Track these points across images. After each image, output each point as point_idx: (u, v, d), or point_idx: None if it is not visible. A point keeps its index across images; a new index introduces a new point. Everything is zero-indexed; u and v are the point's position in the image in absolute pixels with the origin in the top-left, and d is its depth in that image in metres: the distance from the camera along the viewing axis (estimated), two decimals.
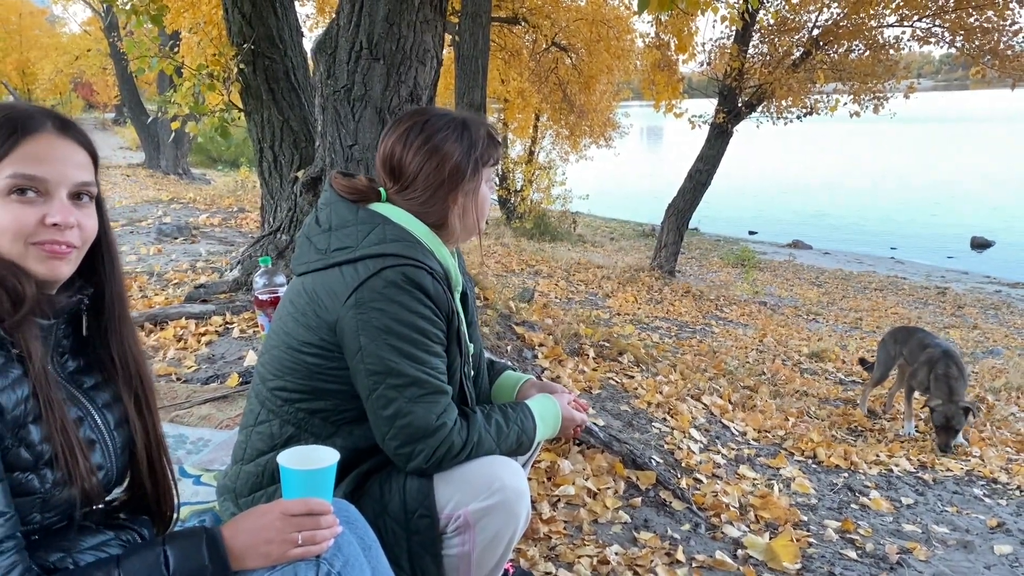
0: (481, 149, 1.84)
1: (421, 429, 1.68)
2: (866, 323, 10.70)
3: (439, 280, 1.72)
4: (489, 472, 1.75)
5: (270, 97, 4.85)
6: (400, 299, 1.66)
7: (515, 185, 19.06)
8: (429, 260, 1.73)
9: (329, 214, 1.81)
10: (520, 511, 1.76)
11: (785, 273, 15.44)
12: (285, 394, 1.77)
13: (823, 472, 4.10)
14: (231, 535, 1.27)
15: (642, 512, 3.14)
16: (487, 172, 1.87)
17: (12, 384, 1.18)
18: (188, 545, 1.23)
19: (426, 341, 1.69)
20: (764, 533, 3.16)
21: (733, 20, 6.80)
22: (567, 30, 15.61)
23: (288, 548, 1.28)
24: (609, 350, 5.13)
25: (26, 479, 1.19)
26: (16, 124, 1.22)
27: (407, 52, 3.93)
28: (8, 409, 1.16)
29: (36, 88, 35.80)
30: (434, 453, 1.70)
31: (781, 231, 21.10)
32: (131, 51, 4.93)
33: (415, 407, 1.68)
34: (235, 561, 1.26)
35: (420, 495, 1.74)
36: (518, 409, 1.88)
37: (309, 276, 1.78)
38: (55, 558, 1.23)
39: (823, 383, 6.47)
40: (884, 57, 11.10)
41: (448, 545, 1.76)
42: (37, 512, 1.21)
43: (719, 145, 11.94)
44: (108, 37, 21.56)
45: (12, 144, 1.21)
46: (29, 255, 1.22)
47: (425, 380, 1.68)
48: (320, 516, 1.32)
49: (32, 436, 1.19)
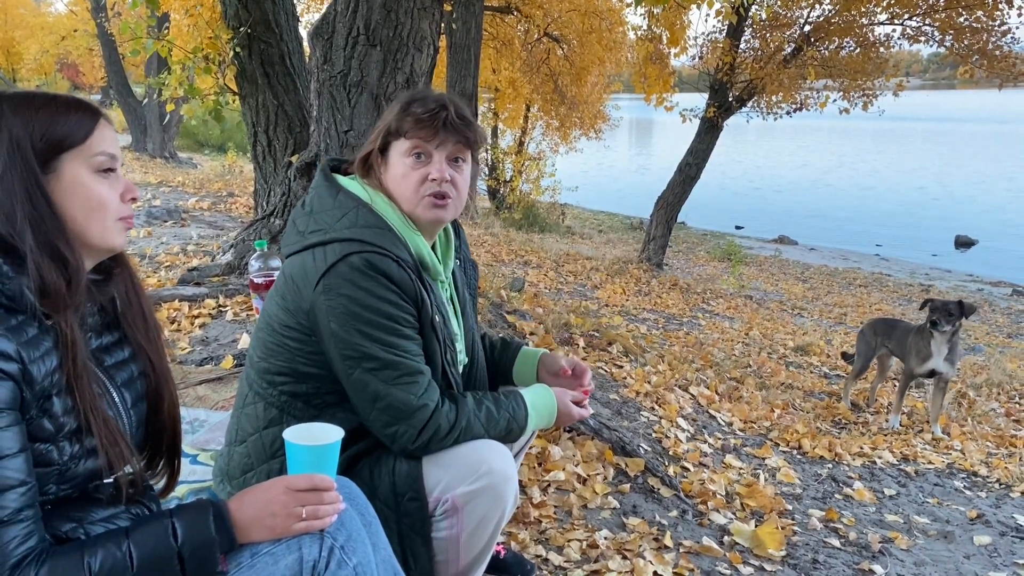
0: (391, 119, 1.84)
1: (401, 410, 1.71)
2: (850, 319, 10.79)
3: (406, 268, 1.73)
4: (477, 456, 1.77)
5: (265, 81, 4.85)
6: (365, 285, 1.68)
7: (504, 175, 19.07)
8: (396, 248, 1.74)
9: (313, 197, 1.84)
10: (507, 495, 1.78)
11: (771, 268, 15.54)
12: (270, 376, 1.79)
13: (808, 463, 4.16)
14: (237, 508, 1.30)
15: (631, 498, 3.19)
16: (400, 144, 1.82)
17: (43, 355, 1.20)
18: (195, 517, 1.26)
19: (394, 325, 1.71)
20: (750, 521, 3.21)
21: (727, 14, 6.83)
22: (559, 21, 15.62)
23: (293, 522, 1.31)
24: (599, 340, 5.17)
25: (46, 450, 1.21)
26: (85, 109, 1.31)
27: (404, 39, 3.94)
28: (38, 380, 1.18)
29: (21, 68, 35.43)
30: (420, 434, 1.73)
31: (767, 227, 21.21)
32: (125, 32, 4.91)
33: (392, 389, 1.70)
34: (241, 533, 1.29)
35: (409, 478, 1.77)
36: (511, 397, 1.89)
37: (289, 259, 1.81)
38: (67, 528, 1.25)
39: (808, 376, 6.55)
40: (874, 54, 11.17)
41: (437, 528, 1.79)
42: (53, 483, 1.24)
43: (709, 139, 11.99)
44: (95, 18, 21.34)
45: (92, 125, 1.30)
46: (115, 229, 1.33)
47: (398, 362, 1.71)
48: (324, 492, 1.35)
49: (56, 408, 1.21)
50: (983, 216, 22.19)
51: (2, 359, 1.14)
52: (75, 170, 1.27)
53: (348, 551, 1.38)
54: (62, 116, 1.27)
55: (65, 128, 1.27)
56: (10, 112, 1.25)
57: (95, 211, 1.28)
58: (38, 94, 1.30)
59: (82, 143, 1.28)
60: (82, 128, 1.29)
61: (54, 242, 1.23)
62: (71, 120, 1.28)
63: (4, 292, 1.17)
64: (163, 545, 1.22)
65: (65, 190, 1.26)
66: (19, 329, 1.17)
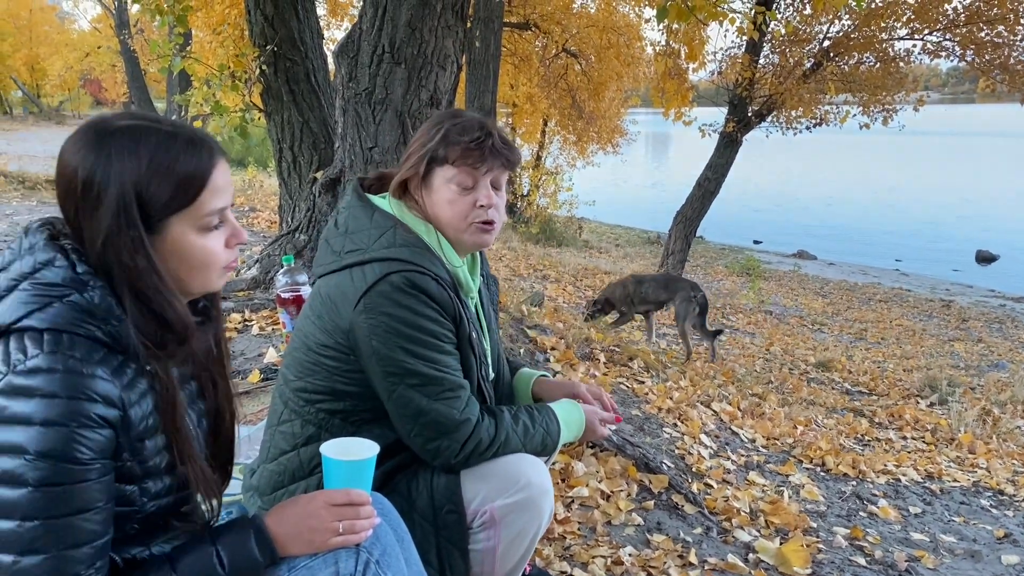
0: (435, 142, 1.82)
1: (444, 425, 1.73)
2: (871, 334, 10.73)
3: (444, 286, 1.75)
4: (516, 469, 1.79)
5: (291, 98, 4.91)
6: (407, 303, 1.70)
7: (522, 190, 19.12)
8: (435, 267, 1.76)
9: (347, 217, 1.85)
10: (544, 508, 1.80)
11: (790, 283, 15.47)
12: (306, 395, 1.80)
13: (831, 480, 4.14)
14: (276, 524, 1.31)
15: (655, 515, 3.18)
16: (445, 170, 1.82)
17: (140, 398, 1.19)
18: (238, 541, 1.27)
19: (436, 342, 1.73)
20: (775, 538, 3.19)
21: (749, 31, 6.84)
22: (578, 36, 15.70)
23: (330, 536, 1.32)
24: (619, 355, 5.17)
25: (129, 491, 1.21)
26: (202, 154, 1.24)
27: (428, 56, 3.98)
28: (135, 424, 1.18)
29: (45, 84, 35.98)
30: (462, 448, 1.74)
31: (786, 241, 21.14)
32: (154, 50, 4.99)
33: (435, 404, 1.72)
34: (280, 548, 1.30)
35: (448, 491, 1.78)
36: (544, 411, 1.91)
37: (325, 279, 1.82)
38: (135, 551, 1.25)
39: (830, 393, 6.51)
40: (894, 69, 11.15)
41: (474, 540, 1.79)
42: (128, 523, 1.24)
43: (728, 154, 11.99)
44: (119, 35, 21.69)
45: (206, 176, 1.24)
46: (220, 276, 1.31)
47: (441, 378, 1.72)
48: (360, 506, 1.37)
49: (147, 450, 1.21)
50: (1005, 231, 22.02)
51: (106, 405, 1.12)
52: (181, 230, 1.23)
53: (383, 565, 1.39)
54: (170, 173, 1.20)
55: (172, 188, 1.20)
56: (118, 159, 1.18)
57: (198, 269, 1.26)
58: (148, 132, 1.21)
59: (190, 204, 1.22)
60: (192, 187, 1.22)
61: (158, 304, 1.20)
62: (180, 178, 1.21)
63: (111, 333, 1.15)
64: (210, 573, 1.23)
65: (169, 250, 1.22)
66: (121, 370, 1.16)
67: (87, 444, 1.09)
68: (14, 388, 1.08)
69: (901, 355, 9.11)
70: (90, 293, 1.14)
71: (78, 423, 1.08)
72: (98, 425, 1.11)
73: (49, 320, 1.12)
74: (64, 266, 1.15)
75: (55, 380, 1.08)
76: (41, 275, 1.15)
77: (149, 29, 22.56)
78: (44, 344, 1.10)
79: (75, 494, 1.10)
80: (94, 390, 1.10)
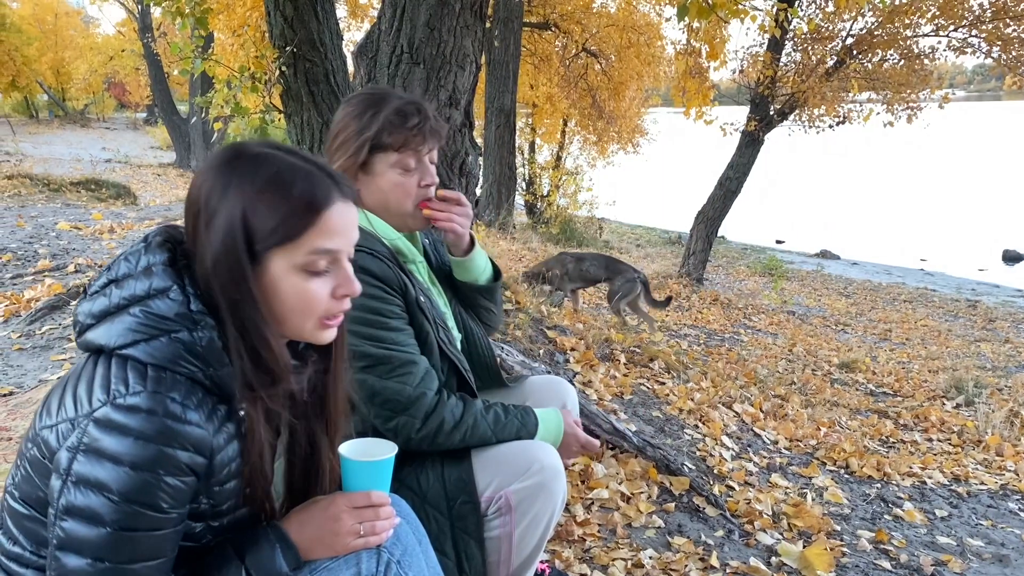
0: (375, 130, 1.79)
1: (398, 402, 1.73)
2: (895, 335, 10.60)
3: (382, 258, 1.76)
4: (528, 454, 1.80)
5: (310, 100, 4.92)
6: None
7: (542, 190, 19.09)
8: (370, 242, 1.76)
9: None
10: (558, 491, 1.80)
11: (813, 283, 15.33)
12: None
13: (855, 482, 4.08)
14: (297, 529, 1.31)
15: (676, 517, 3.15)
16: (387, 156, 1.81)
17: (227, 443, 1.18)
18: (266, 557, 1.26)
19: (380, 318, 1.73)
20: (798, 541, 3.15)
21: (771, 29, 6.78)
22: (598, 36, 15.68)
23: (351, 538, 1.32)
24: (640, 356, 5.14)
25: (197, 528, 1.22)
26: (316, 198, 1.19)
27: (447, 56, 3.97)
28: (218, 471, 1.17)
29: (70, 87, 36.43)
30: (424, 424, 1.74)
31: (808, 240, 20.95)
32: (175, 52, 5.03)
33: (387, 383, 1.72)
34: (303, 553, 1.30)
35: (460, 482, 1.79)
36: (521, 408, 1.91)
37: None
38: (184, 572, 1.25)
39: (854, 394, 6.43)
40: (919, 67, 11.01)
41: (489, 527, 1.80)
42: (184, 554, 1.23)
43: (750, 153, 11.90)
44: (142, 38, 21.91)
45: (312, 218, 1.19)
46: (313, 328, 1.25)
47: (389, 356, 1.73)
48: (380, 507, 1.36)
49: (223, 494, 1.21)
50: None
51: (194, 452, 1.11)
52: (284, 266, 1.19)
53: (404, 565, 1.40)
54: (280, 202, 1.17)
55: (278, 218, 1.17)
56: (238, 182, 1.17)
57: (293, 313, 1.22)
58: (273, 160, 1.20)
59: (295, 239, 1.18)
60: (298, 220, 1.18)
61: (255, 337, 1.17)
62: (287, 209, 1.17)
63: (213, 377, 1.14)
64: None
65: (268, 285, 1.19)
66: (213, 415, 1.15)
67: (170, 492, 1.09)
68: (111, 423, 1.07)
69: (926, 356, 9.00)
70: (200, 333, 1.13)
71: (166, 471, 1.08)
72: (184, 473, 1.10)
73: (155, 356, 1.11)
74: (179, 300, 1.14)
75: (152, 423, 1.07)
76: (155, 304, 1.13)
77: (172, 32, 22.79)
78: (147, 382, 1.09)
79: (149, 542, 1.10)
80: (187, 438, 1.10)
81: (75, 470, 1.07)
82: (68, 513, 1.07)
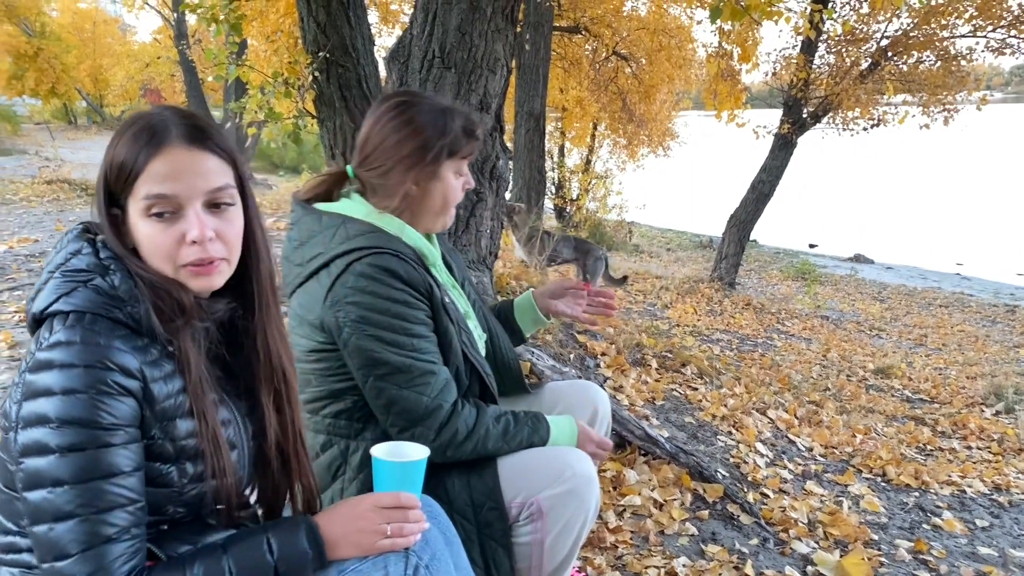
0: (451, 138, 1.86)
1: (415, 412, 1.72)
2: (931, 340, 10.43)
3: (408, 260, 1.75)
4: (561, 461, 1.80)
5: (343, 105, 4.93)
6: (372, 288, 1.70)
7: (571, 194, 19.03)
8: (395, 244, 1.77)
9: (298, 230, 1.86)
10: (590, 498, 1.80)
11: (846, 287, 15.14)
12: (309, 407, 1.83)
13: (893, 491, 4.01)
14: (326, 523, 1.32)
15: (709, 525, 3.12)
16: (453, 163, 1.88)
17: (165, 377, 1.23)
18: (289, 533, 1.28)
19: (405, 324, 1.72)
20: (834, 550, 3.10)
21: (806, 30, 6.68)
22: (628, 39, 15.60)
23: (378, 539, 1.32)
24: (672, 361, 5.10)
25: (166, 471, 1.24)
26: (143, 141, 1.23)
27: (478, 61, 3.97)
28: (159, 399, 1.21)
29: (108, 93, 37.01)
30: (437, 435, 1.74)
31: (842, 244, 20.68)
32: (210, 58, 5.08)
33: (405, 392, 1.72)
34: (330, 549, 1.30)
35: (486, 489, 1.78)
36: (532, 415, 1.91)
37: (296, 293, 1.83)
38: (183, 550, 1.27)
39: (890, 400, 6.33)
40: (955, 68, 10.83)
41: (521, 533, 1.80)
42: (171, 504, 1.27)
43: (783, 156, 11.76)
44: (177, 45, 22.22)
45: (143, 163, 1.22)
46: (180, 275, 1.26)
47: (410, 365, 1.72)
48: (409, 509, 1.36)
49: (178, 430, 1.24)
50: None
51: (125, 375, 1.16)
52: (133, 212, 1.25)
53: (433, 570, 1.39)
54: (122, 147, 1.24)
55: (118, 171, 1.24)
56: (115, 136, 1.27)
57: (152, 256, 1.25)
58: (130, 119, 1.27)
59: (134, 183, 1.23)
60: (132, 169, 1.23)
61: (144, 280, 1.23)
62: (125, 158, 1.23)
63: (131, 314, 1.20)
64: (260, 559, 1.24)
65: (132, 231, 1.26)
66: (144, 349, 1.21)
67: (107, 410, 1.14)
68: (38, 363, 1.14)
69: (964, 362, 8.83)
70: (111, 276, 1.21)
71: (96, 390, 1.13)
72: (118, 393, 1.15)
73: (74, 303, 1.18)
74: (89, 253, 1.23)
75: (72, 351, 1.13)
76: (71, 263, 1.23)
77: (207, 39, 23.08)
78: (69, 322, 1.16)
79: (100, 458, 1.13)
80: (111, 359, 1.15)
81: (20, 415, 1.14)
82: (23, 455, 1.13)
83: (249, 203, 1.36)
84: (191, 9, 4.80)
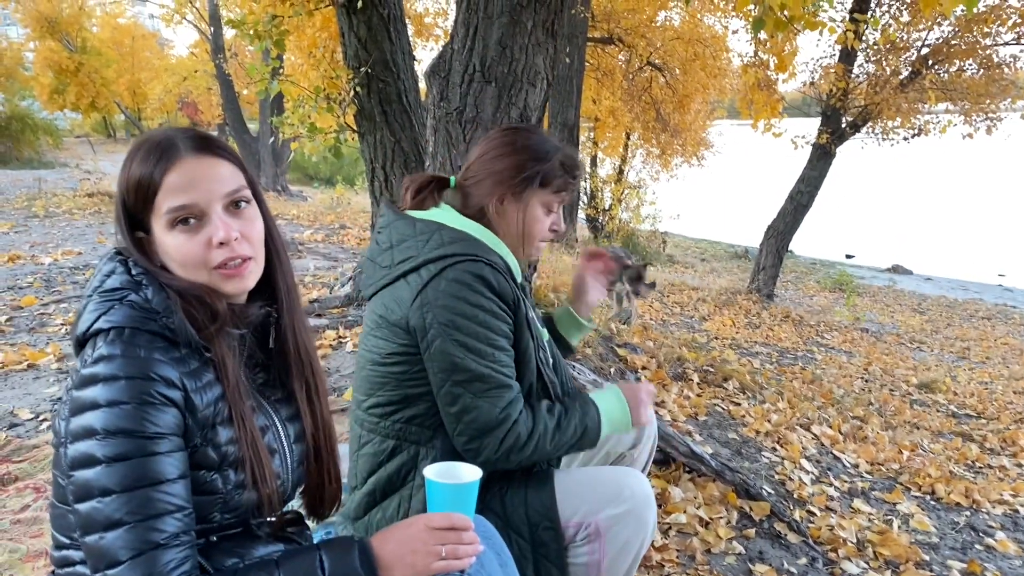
0: (547, 167, 1.88)
1: (486, 424, 1.71)
2: (974, 353, 10.22)
3: (501, 272, 1.75)
4: (619, 481, 1.79)
5: (383, 119, 4.98)
6: (463, 295, 1.70)
7: (604, 204, 18.99)
8: (489, 254, 1.77)
9: (389, 234, 1.87)
10: (649, 519, 1.78)
11: (885, 299, 14.91)
12: (379, 410, 1.82)
13: (942, 509, 3.93)
14: (379, 545, 1.31)
15: (756, 544, 3.07)
16: (544, 195, 1.90)
17: (205, 386, 1.25)
18: (341, 552, 1.28)
19: (490, 334, 1.72)
20: (885, 571, 3.04)
21: (850, 40, 6.59)
22: (662, 50, 15.55)
23: (432, 560, 1.31)
24: (714, 375, 5.04)
25: (210, 478, 1.26)
26: (155, 158, 1.27)
27: (518, 75, 3.97)
28: (200, 408, 1.23)
29: (146, 107, 37.67)
30: (500, 445, 1.72)
31: (879, 254, 20.40)
32: (252, 74, 5.14)
33: (480, 402, 1.71)
34: (382, 571, 1.29)
35: (543, 507, 1.77)
36: (578, 399, 1.90)
37: (379, 294, 1.83)
38: (230, 562, 1.29)
39: (935, 415, 6.20)
40: (998, 76, 10.63)
41: (578, 554, 1.78)
42: (218, 512, 1.28)
43: (821, 166, 11.61)
44: (214, 59, 22.53)
45: (159, 177, 1.26)
46: (213, 279, 1.30)
47: (489, 375, 1.71)
48: (463, 531, 1.35)
49: (220, 437, 1.27)
50: None
51: (166, 385, 1.19)
52: (158, 228, 1.28)
53: None
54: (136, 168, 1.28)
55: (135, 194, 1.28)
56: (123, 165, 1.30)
57: (183, 267, 1.29)
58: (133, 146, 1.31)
59: (153, 199, 1.27)
60: (152, 180, 1.27)
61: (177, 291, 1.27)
62: (142, 174, 1.27)
63: (167, 326, 1.23)
64: None
65: (159, 246, 1.30)
66: (183, 360, 1.23)
67: (151, 419, 1.16)
68: (83, 379, 1.17)
69: (1009, 376, 8.64)
70: (144, 291, 1.25)
71: (140, 400, 1.16)
72: (161, 403, 1.18)
73: (112, 320, 1.22)
74: (122, 272, 1.28)
75: (114, 364, 1.17)
76: (106, 284, 1.27)
77: (243, 53, 23.39)
78: (110, 338, 1.19)
79: (147, 466, 1.16)
80: (153, 371, 1.18)
81: (68, 430, 1.16)
82: (72, 468, 1.15)
83: (262, 204, 1.40)
84: (235, 25, 4.86)
